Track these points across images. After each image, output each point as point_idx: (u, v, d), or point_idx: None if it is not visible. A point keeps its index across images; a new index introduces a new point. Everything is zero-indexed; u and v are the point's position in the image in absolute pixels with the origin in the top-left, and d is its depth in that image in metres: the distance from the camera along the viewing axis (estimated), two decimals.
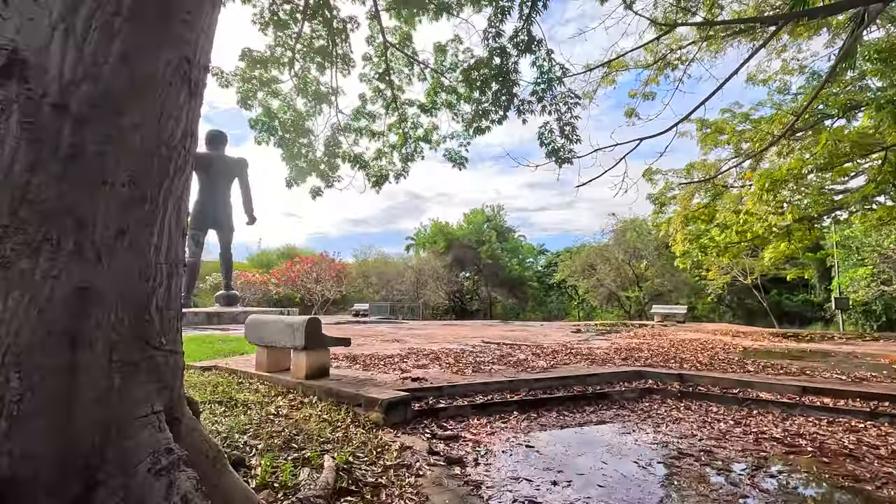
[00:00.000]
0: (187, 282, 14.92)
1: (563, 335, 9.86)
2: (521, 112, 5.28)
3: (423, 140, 9.18)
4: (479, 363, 5.28)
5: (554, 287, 44.69)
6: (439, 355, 5.97)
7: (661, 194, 13.36)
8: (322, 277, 23.59)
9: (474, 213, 43.37)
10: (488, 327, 12.70)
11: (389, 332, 10.34)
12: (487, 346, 7.36)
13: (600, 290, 22.74)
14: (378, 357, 5.73)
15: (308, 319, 4.03)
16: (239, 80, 8.07)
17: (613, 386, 4.48)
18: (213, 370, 4.90)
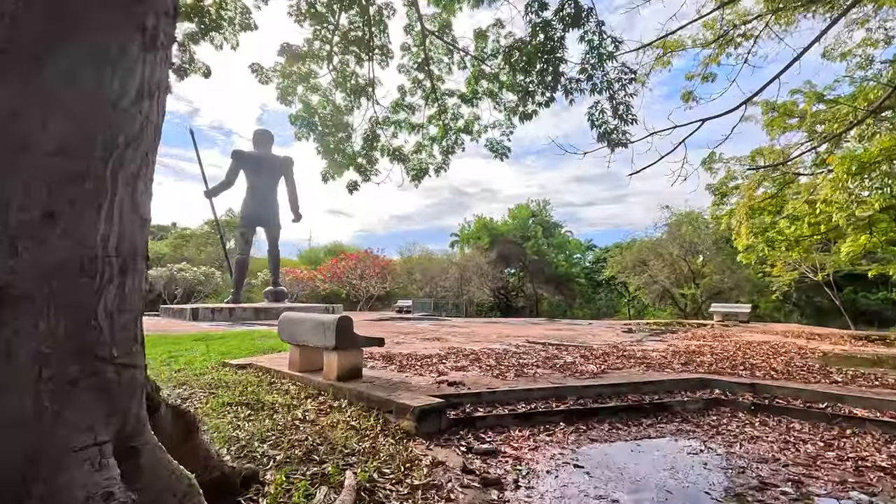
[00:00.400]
0: (237, 279, 15.36)
1: (614, 335, 9.27)
2: (568, 92, 4.82)
3: (464, 131, 8.87)
4: (522, 366, 4.91)
5: (602, 284, 43.21)
6: (480, 356, 5.65)
7: (722, 184, 12.36)
8: (366, 274, 23.80)
9: (519, 208, 42.59)
10: (533, 326, 12.23)
11: (430, 329, 10.11)
12: (532, 346, 6.96)
13: (653, 287, 21.57)
14: (416, 357, 5.48)
15: (339, 318, 3.82)
16: (279, 76, 8.04)
17: (674, 395, 3.99)
18: (249, 368, 4.81)
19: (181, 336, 8.29)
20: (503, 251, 37.32)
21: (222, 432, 2.75)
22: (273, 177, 15.89)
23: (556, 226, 44.17)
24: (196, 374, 4.51)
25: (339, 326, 3.79)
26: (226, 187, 15.67)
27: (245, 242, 15.60)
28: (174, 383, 4.05)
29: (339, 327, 3.78)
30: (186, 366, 4.96)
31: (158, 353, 6.09)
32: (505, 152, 7.85)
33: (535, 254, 39.07)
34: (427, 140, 8.95)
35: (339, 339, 3.80)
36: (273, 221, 16.00)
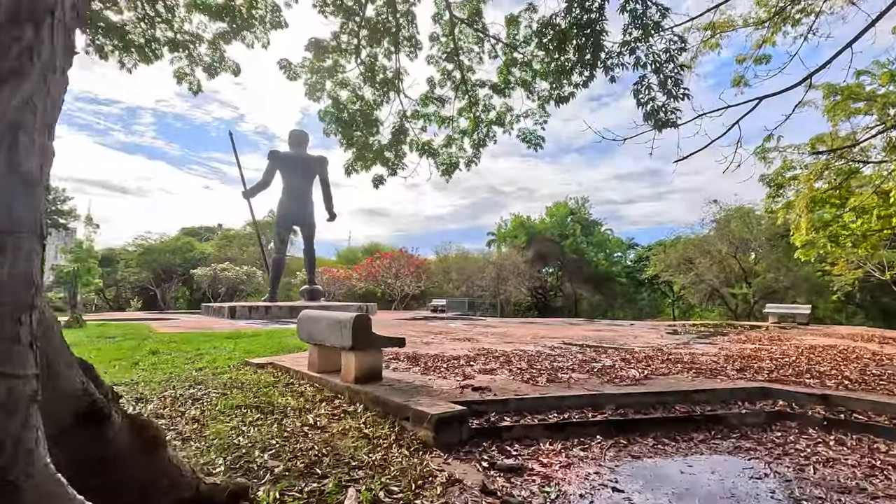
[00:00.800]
0: (273, 278, 15.58)
1: (658, 337, 8.67)
2: (609, 69, 4.37)
3: (496, 123, 8.51)
4: (555, 370, 4.53)
5: (645, 283, 41.60)
6: (511, 358, 5.30)
7: (778, 175, 11.40)
8: (401, 273, 23.76)
9: (557, 206, 41.63)
10: (571, 326, 11.70)
11: (462, 329, 9.81)
12: (568, 348, 6.54)
13: (700, 286, 20.38)
14: (442, 358, 5.19)
15: (356, 317, 3.58)
16: (307, 72, 7.95)
17: (729, 406, 3.52)
18: (269, 368, 4.67)
19: (215, 334, 8.35)
20: (540, 250, 36.55)
21: (222, 439, 2.55)
22: (308, 177, 16.02)
23: (595, 223, 42.92)
24: (215, 373, 4.40)
25: (356, 325, 3.55)
26: (263, 187, 15.93)
27: (281, 242, 15.81)
28: (190, 383, 3.93)
29: (355, 326, 3.55)
30: (208, 364, 4.88)
31: (188, 350, 6.09)
32: (539, 143, 7.45)
33: (573, 252, 38.08)
34: (457, 133, 8.65)
35: (356, 339, 3.56)
36: (308, 221, 16.14)
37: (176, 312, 18.19)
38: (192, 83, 7.68)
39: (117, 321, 11.45)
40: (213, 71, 7.92)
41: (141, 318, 13.31)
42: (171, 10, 7.58)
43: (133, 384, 3.93)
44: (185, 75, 7.65)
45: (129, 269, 34.64)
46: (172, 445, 2.43)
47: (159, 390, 3.66)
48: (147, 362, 5.19)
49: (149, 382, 3.97)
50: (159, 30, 7.66)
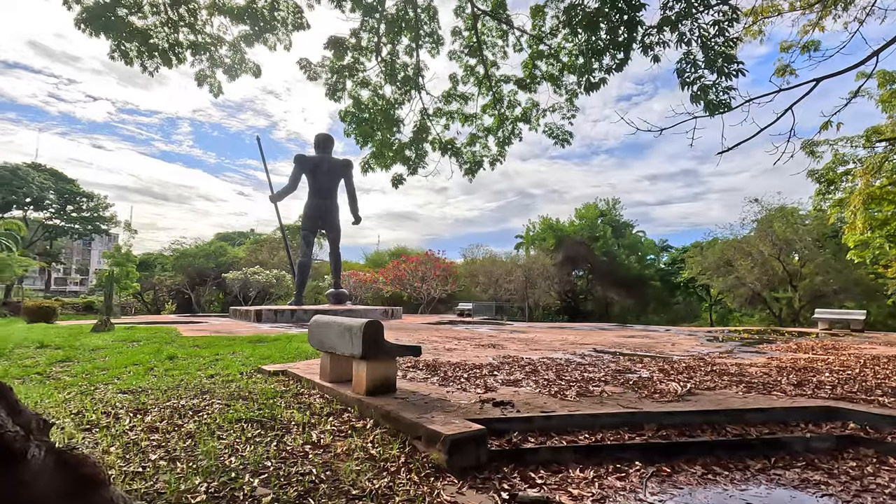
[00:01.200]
0: (299, 281, 15.59)
1: (697, 344, 8.10)
2: (648, 48, 3.93)
3: (522, 120, 8.17)
4: (587, 381, 4.14)
5: (680, 287, 40.20)
6: (538, 368, 4.92)
7: (829, 170, 10.58)
8: (427, 276, 23.54)
9: (587, 207, 40.71)
10: (602, 332, 11.17)
11: (488, 335, 9.46)
12: (600, 356, 6.11)
13: (741, 290, 19.31)
14: (464, 367, 4.87)
15: (366, 324, 3.30)
16: (327, 71, 7.79)
17: (790, 429, 3.06)
18: (281, 376, 4.45)
19: (237, 338, 8.28)
20: (570, 252, 35.76)
21: (213, 459, 2.31)
22: (333, 180, 15.99)
23: (626, 225, 41.76)
24: (226, 380, 4.21)
25: (367, 333, 3.28)
26: (289, 191, 16.00)
27: (307, 245, 15.82)
28: (196, 391, 3.74)
29: (366, 334, 3.27)
30: (221, 371, 4.71)
31: (206, 355, 5.97)
32: (566, 139, 7.06)
33: (604, 255, 37.12)
34: (481, 131, 8.34)
35: (367, 348, 3.28)
36: (334, 224, 16.10)
37: (207, 315, 18.49)
38: (213, 85, 7.64)
39: (147, 324, 11.62)
40: (234, 73, 7.86)
41: (170, 322, 13.51)
42: (194, 13, 7.58)
43: (139, 392, 3.77)
44: (206, 77, 7.61)
45: (166, 273, 35.78)
46: (155, 467, 2.20)
47: (163, 400, 3.48)
48: (162, 368, 5.08)
49: (155, 390, 3.80)
50: (182, 33, 7.67)
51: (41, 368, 5.35)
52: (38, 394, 3.81)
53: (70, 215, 42.68)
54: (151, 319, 15.14)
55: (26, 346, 7.33)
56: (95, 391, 3.88)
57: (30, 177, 38.32)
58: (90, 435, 2.67)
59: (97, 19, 6.64)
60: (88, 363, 5.77)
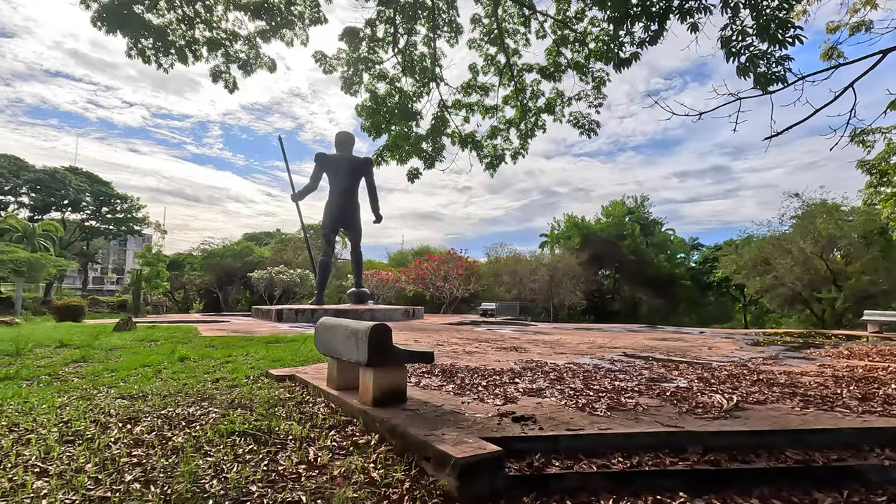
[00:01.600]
0: (319, 280, 15.50)
1: (736, 348, 7.53)
2: (686, 14, 3.49)
3: (546, 111, 7.77)
4: (618, 392, 3.75)
5: (712, 286, 38.80)
6: (563, 374, 4.54)
7: (881, 160, 9.77)
8: (450, 275, 23.24)
9: (614, 205, 39.70)
10: (632, 334, 10.64)
11: (511, 336, 9.08)
12: (631, 362, 5.67)
13: (779, 290, 18.29)
14: (483, 373, 4.53)
15: (372, 327, 3.01)
16: (343, 64, 7.56)
17: (863, 455, 2.62)
18: (288, 381, 4.21)
19: (253, 338, 8.14)
20: (596, 251, 34.91)
21: (191, 482, 2.04)
22: (354, 178, 15.84)
23: (655, 223, 40.57)
24: (230, 385, 3.99)
25: (373, 338, 2.98)
26: (310, 190, 15.95)
27: (328, 244, 15.72)
28: (196, 398, 3.52)
29: (372, 339, 2.97)
30: (228, 375, 4.50)
31: (218, 357, 5.81)
32: (593, 128, 6.63)
33: (631, 253, 36.10)
34: (503, 123, 7.99)
35: (373, 354, 2.99)
36: (354, 223, 15.95)
37: (232, 314, 18.65)
38: (228, 81, 7.50)
39: (169, 323, 11.68)
40: (249, 68, 7.70)
41: (193, 321, 13.60)
42: (210, 9, 7.46)
43: (138, 398, 3.58)
44: (221, 73, 7.48)
45: (195, 273, 36.55)
46: (126, 492, 1.95)
47: (159, 407, 3.27)
48: (170, 371, 4.91)
49: (155, 396, 3.60)
50: (198, 30, 7.56)
51: (53, 369, 5.27)
52: (37, 398, 3.66)
53: (105, 216, 44.12)
54: (176, 318, 15.32)
55: (47, 345, 7.34)
56: (96, 396, 3.71)
57: (67, 179, 39.74)
58: (70, 449, 2.45)
59: (113, 17, 6.55)
60: (101, 364, 5.67)
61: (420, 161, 7.03)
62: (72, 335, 8.27)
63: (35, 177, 38.50)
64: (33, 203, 39.13)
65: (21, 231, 27.95)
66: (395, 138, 6.94)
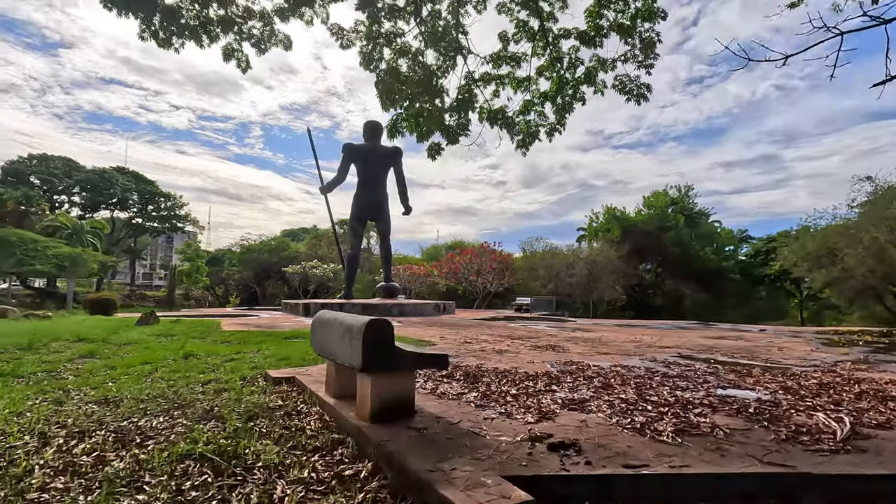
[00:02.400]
0: (348, 274, 15.09)
1: (811, 349, 6.50)
2: None
3: (585, 82, 6.93)
4: (683, 406, 2.97)
5: (764, 280, 36.38)
6: (611, 381, 3.79)
7: None
8: (483, 269, 22.49)
9: (656, 195, 37.82)
10: (681, 331, 9.64)
11: (547, 334, 8.31)
12: (690, 365, 4.83)
13: (848, 283, 16.53)
14: (514, 377, 3.83)
15: (368, 323, 2.37)
16: (361, 38, 6.97)
17: None
18: (285, 385, 3.65)
19: (272, 333, 7.75)
20: (637, 244, 33.29)
21: None
22: (383, 169, 15.35)
23: (701, 214, 38.40)
24: (217, 390, 3.47)
25: (369, 336, 2.34)
26: (338, 182, 15.57)
27: (356, 237, 15.31)
28: (173, 405, 3.00)
29: (367, 337, 2.34)
30: (222, 376, 3.99)
31: (225, 353, 5.36)
32: (643, 93, 5.76)
33: (675, 246, 34.25)
34: (537, 97, 7.19)
35: (370, 356, 2.36)
36: (382, 215, 15.47)
37: (264, 308, 18.61)
38: (241, 60, 7.05)
39: (196, 317, 11.53)
40: (263, 46, 7.21)
41: (221, 314, 13.48)
42: None
43: (111, 403, 3.10)
44: (234, 51, 7.02)
45: (234, 268, 37.34)
46: None
47: (125, 416, 2.76)
48: (168, 370, 4.48)
49: (129, 401, 3.12)
50: (212, 9, 7.13)
51: (55, 365, 4.95)
52: (5, 402, 3.24)
53: (150, 214, 45.83)
54: (206, 313, 15.31)
55: (66, 339, 7.16)
56: (68, 401, 3.25)
57: (114, 179, 41.44)
58: None
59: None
60: (105, 360, 5.33)
61: (443, 137, 6.35)
62: (93, 329, 8.09)
63: (85, 177, 40.32)
64: (83, 202, 40.98)
65: (71, 228, 29.16)
66: (414, 110, 6.28)
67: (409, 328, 8.99)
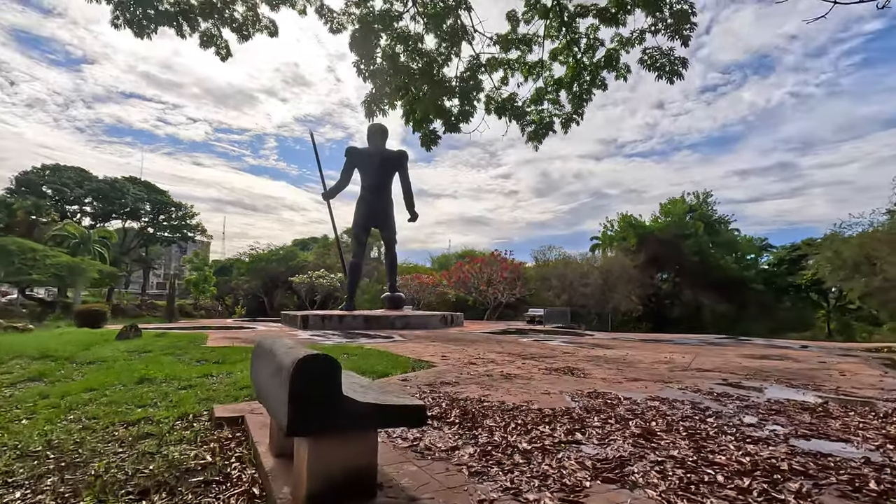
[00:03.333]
0: (350, 284, 14.34)
1: (878, 374, 5.52)
2: None
3: (605, 66, 6.11)
4: (768, 473, 2.08)
5: (788, 291, 34.84)
6: (651, 423, 2.90)
7: None
8: (494, 279, 21.57)
9: (673, 202, 36.65)
10: (714, 348, 8.65)
11: (563, 351, 7.40)
12: (744, 397, 3.91)
13: (892, 293, 15.30)
14: (525, 419, 2.97)
15: (299, 362, 1.55)
16: (353, 21, 6.24)
17: None
18: (226, 429, 2.83)
19: None
20: (654, 252, 32.11)
21: None
22: (387, 174, 14.64)
23: (721, 221, 37.05)
24: (139, 435, 2.67)
25: (298, 382, 1.52)
26: (341, 187, 14.90)
27: (359, 245, 14.58)
28: (53, 465, 2.20)
29: (296, 385, 1.52)
30: (157, 414, 3.20)
31: (187, 378, 4.57)
32: (676, 69, 4.88)
33: (695, 254, 32.99)
34: (551, 85, 6.38)
35: (301, 412, 1.53)
36: (387, 222, 14.73)
37: (266, 320, 17.92)
38: (221, 46, 6.37)
39: (186, 329, 10.83)
40: (246, 31, 6.52)
41: (217, 326, 12.79)
42: None
43: None
44: (213, 37, 6.34)
45: (242, 278, 36.90)
46: None
47: None
48: (108, 399, 3.72)
49: (10, 452, 2.33)
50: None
51: None
52: None
53: (161, 223, 45.79)
54: (202, 324, 14.64)
55: (29, 356, 6.49)
56: None
57: (126, 189, 41.45)
58: None
59: None
60: (50, 385, 4.60)
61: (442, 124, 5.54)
62: (65, 345, 7.41)
63: (97, 186, 40.40)
64: (94, 211, 41.06)
65: (79, 237, 28.97)
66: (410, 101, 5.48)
67: (410, 343, 8.16)
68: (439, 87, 6.10)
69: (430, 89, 6.04)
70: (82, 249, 28.01)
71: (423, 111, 5.31)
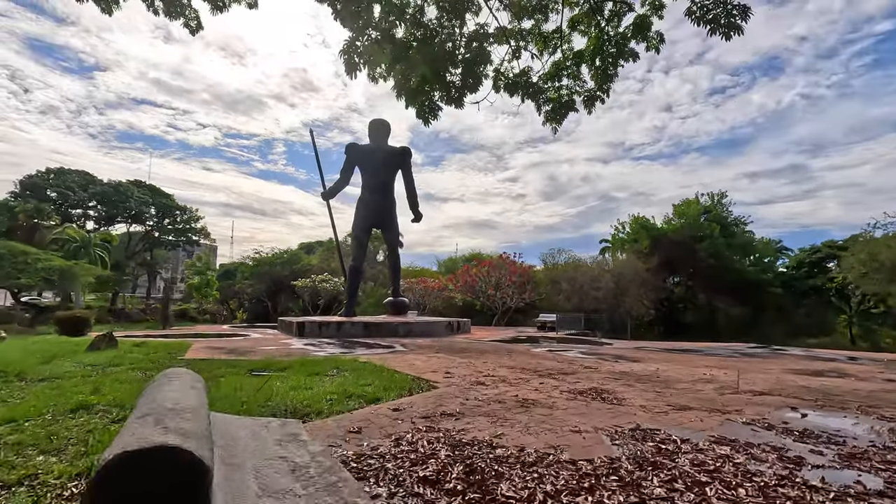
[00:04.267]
0: (349, 289, 13.50)
1: None
2: None
3: (634, 35, 5.24)
4: None
5: (808, 294, 33.58)
6: (740, 496, 2.02)
7: None
8: (502, 282, 20.66)
9: (687, 203, 35.55)
10: (753, 361, 7.71)
11: (584, 365, 6.51)
12: (834, 437, 3.02)
13: None
14: (555, 484, 2.11)
15: (111, 468, 0.70)
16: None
17: None
18: None
19: (240, 362, 6.24)
20: (667, 255, 31.00)
21: None
22: (389, 172, 13.82)
23: (736, 223, 35.87)
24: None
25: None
26: (341, 186, 14.11)
27: (359, 247, 13.73)
28: None
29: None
30: (55, 467, 2.38)
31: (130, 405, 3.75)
32: (734, 21, 3.94)
33: (710, 256, 31.84)
34: (570, 58, 5.53)
35: None
36: (390, 223, 13.90)
37: (263, 326, 17.14)
38: (191, 18, 5.60)
39: (170, 337, 10.06)
40: (221, 4, 5.73)
41: (212, 333, 12.03)
42: None
43: None
44: (182, 7, 5.57)
45: (246, 282, 36.27)
46: None
47: None
48: (14, 440, 2.90)
49: None
50: None
51: None
52: None
53: (165, 227, 45.40)
54: (193, 331, 13.86)
55: None
56: None
57: (130, 192, 41.06)
58: None
59: None
60: None
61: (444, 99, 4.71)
62: (27, 357, 6.62)
63: (101, 190, 40.05)
64: (98, 215, 40.72)
65: (79, 241, 28.48)
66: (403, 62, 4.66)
67: (411, 355, 7.31)
68: (444, 63, 5.27)
69: (432, 66, 5.22)
70: (83, 253, 27.50)
71: (420, 78, 4.47)
